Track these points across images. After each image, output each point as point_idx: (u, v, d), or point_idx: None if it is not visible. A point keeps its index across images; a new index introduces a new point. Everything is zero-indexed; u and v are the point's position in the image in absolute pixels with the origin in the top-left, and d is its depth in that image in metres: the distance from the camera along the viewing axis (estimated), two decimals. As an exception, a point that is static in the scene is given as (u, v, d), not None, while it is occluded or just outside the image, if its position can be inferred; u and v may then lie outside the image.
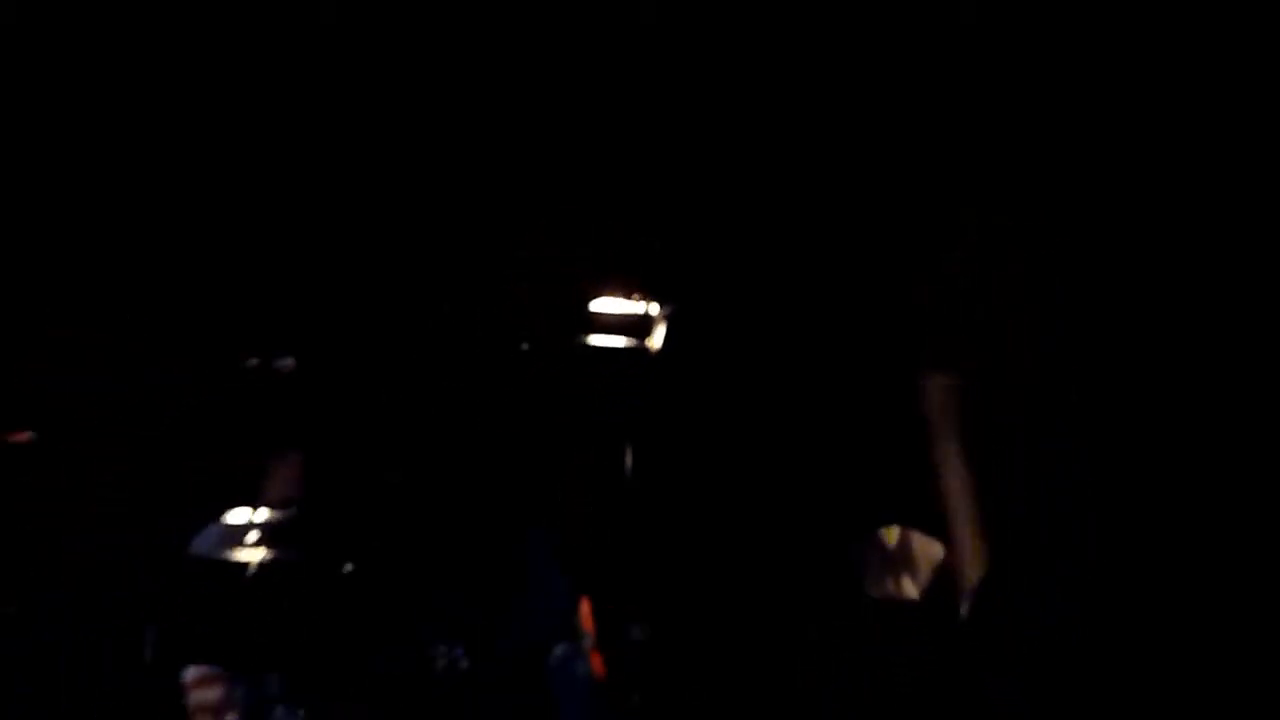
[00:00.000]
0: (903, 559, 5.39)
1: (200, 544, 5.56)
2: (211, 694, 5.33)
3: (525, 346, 6.33)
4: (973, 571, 4.65)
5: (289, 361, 5.82)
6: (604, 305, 7.07)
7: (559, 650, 5.87)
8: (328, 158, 8.95)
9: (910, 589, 5.24)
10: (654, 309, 6.93)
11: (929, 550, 5.31)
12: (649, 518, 6.59)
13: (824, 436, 6.67)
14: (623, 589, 6.40)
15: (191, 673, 5.42)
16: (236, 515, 5.61)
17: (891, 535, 5.43)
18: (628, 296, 7.01)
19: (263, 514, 5.60)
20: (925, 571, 5.31)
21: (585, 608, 6.00)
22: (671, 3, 8.62)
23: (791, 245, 7.99)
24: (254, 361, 6.01)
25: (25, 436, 6.64)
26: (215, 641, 5.55)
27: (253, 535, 5.56)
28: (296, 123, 9.16)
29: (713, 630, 6.18)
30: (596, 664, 5.85)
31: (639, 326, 6.70)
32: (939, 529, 5.09)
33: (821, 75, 8.13)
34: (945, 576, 5.06)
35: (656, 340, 6.55)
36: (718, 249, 8.29)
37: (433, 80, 9.10)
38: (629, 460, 6.16)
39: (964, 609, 4.35)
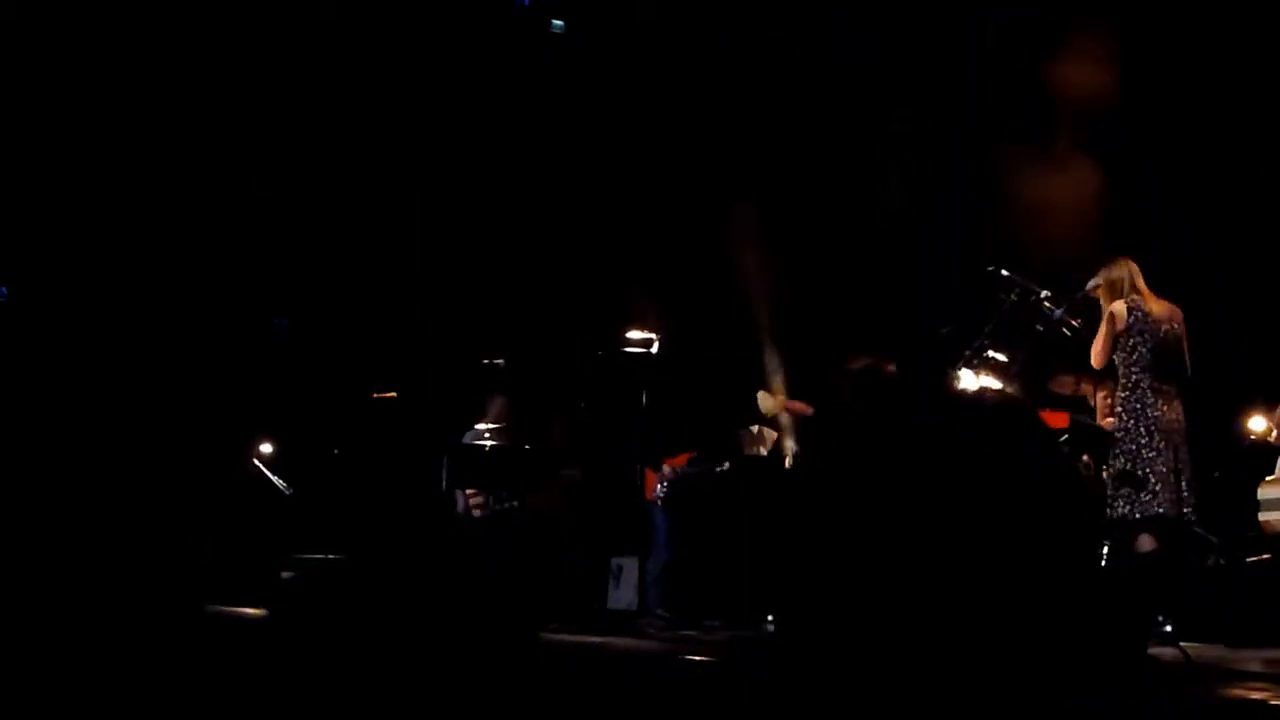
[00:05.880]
0: (760, 437, 8.74)
1: (468, 435, 9.05)
2: (477, 499, 8.87)
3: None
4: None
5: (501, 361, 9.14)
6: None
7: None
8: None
9: (762, 449, 8.61)
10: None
11: (770, 434, 8.72)
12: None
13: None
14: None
15: (469, 491, 8.86)
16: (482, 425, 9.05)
17: (754, 428, 8.87)
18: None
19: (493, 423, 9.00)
20: (767, 441, 8.65)
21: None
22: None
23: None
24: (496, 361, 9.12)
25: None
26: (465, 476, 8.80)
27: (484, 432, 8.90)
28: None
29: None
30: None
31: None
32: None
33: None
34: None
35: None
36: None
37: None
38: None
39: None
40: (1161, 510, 6.65)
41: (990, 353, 7.17)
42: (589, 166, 10.98)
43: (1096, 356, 6.87)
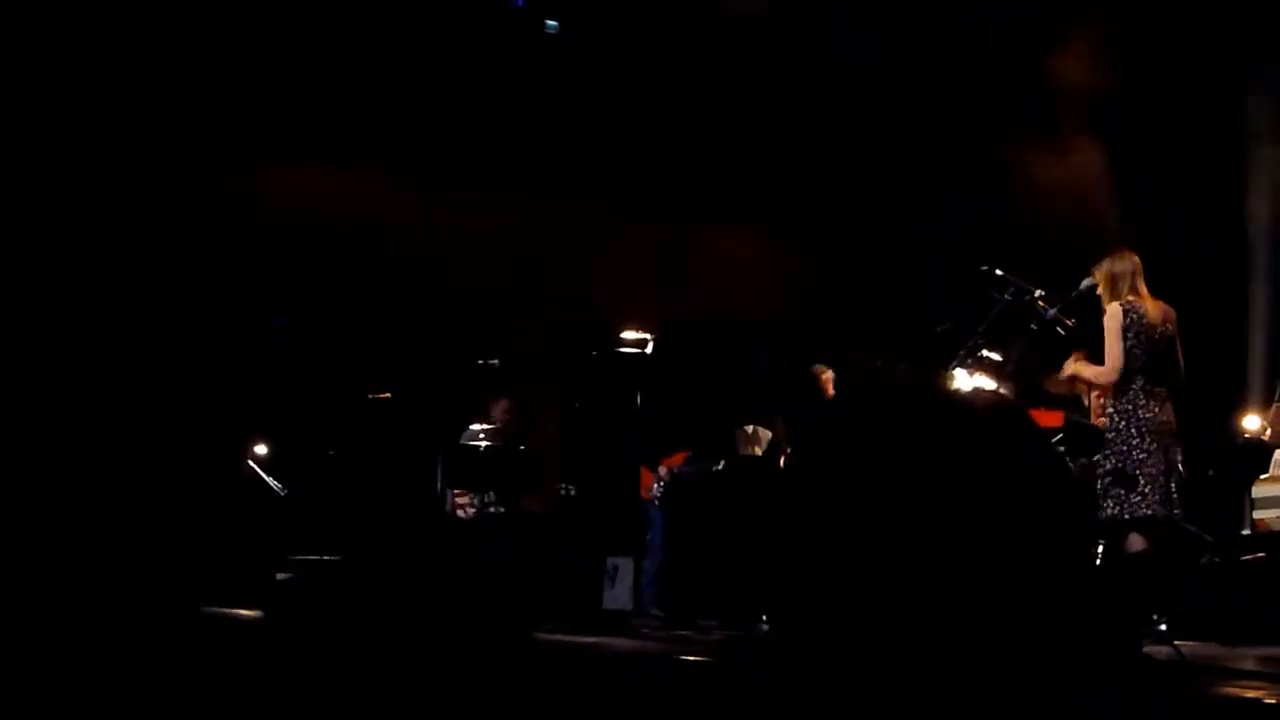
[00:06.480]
0: (755, 437, 8.76)
1: (464, 436, 9.07)
2: (464, 499, 8.95)
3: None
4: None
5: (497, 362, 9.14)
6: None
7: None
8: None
9: (757, 449, 8.67)
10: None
11: (764, 434, 8.72)
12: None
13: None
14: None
15: (456, 492, 8.93)
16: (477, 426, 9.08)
17: (749, 428, 8.80)
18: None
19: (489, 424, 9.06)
20: (762, 441, 8.70)
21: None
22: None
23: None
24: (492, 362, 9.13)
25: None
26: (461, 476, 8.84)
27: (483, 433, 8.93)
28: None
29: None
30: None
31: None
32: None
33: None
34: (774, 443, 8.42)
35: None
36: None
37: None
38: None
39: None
40: (1150, 511, 6.64)
41: (984, 352, 7.15)
42: (586, 166, 10.97)
43: (1111, 369, 6.76)
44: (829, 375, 8.63)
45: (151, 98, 9.38)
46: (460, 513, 9.10)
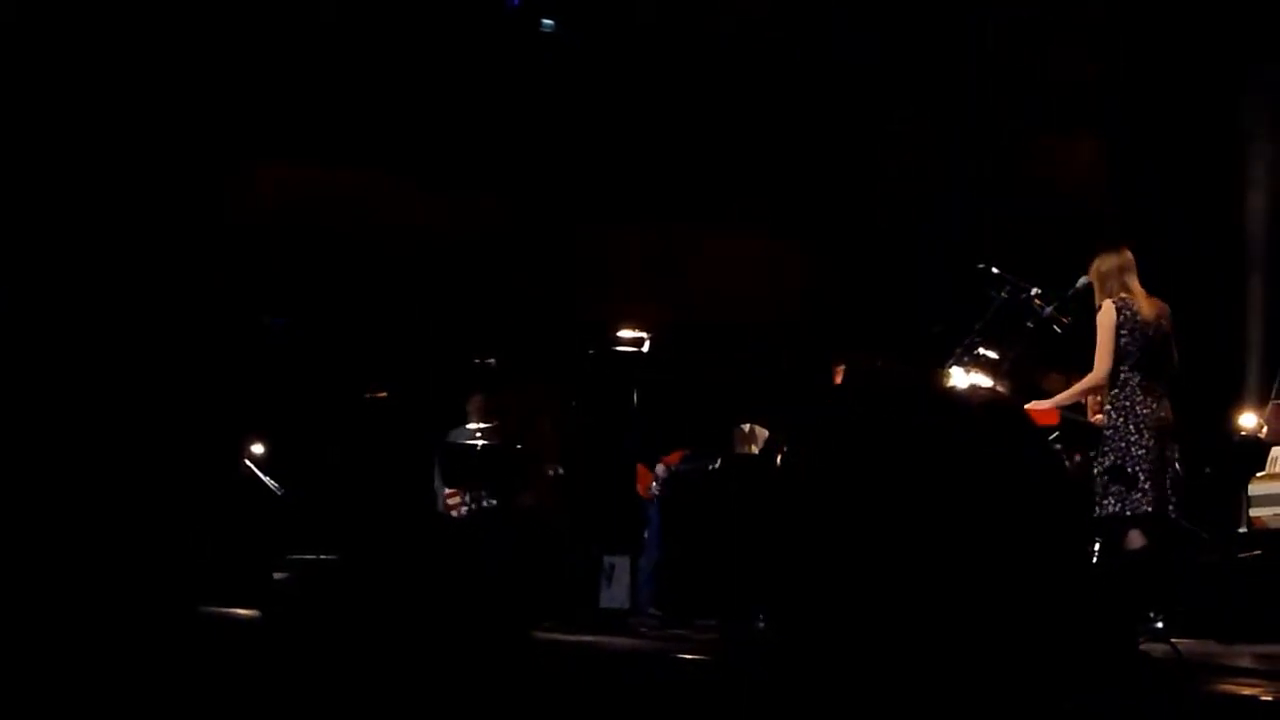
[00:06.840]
0: (752, 435, 8.77)
1: (454, 436, 9.08)
2: (456, 499, 9.00)
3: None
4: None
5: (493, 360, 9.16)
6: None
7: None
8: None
9: (754, 448, 8.68)
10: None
11: (761, 432, 8.73)
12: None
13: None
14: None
15: (447, 490, 9.00)
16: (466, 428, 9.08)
17: (746, 427, 8.83)
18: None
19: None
20: (759, 439, 8.71)
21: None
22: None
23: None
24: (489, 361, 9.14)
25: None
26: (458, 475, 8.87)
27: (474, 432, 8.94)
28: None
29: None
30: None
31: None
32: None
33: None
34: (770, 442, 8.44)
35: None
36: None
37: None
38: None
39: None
40: (1150, 508, 6.66)
41: (981, 350, 7.15)
42: (585, 166, 10.99)
43: (1100, 368, 6.81)
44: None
45: (150, 97, 9.42)
46: (453, 512, 9.13)
